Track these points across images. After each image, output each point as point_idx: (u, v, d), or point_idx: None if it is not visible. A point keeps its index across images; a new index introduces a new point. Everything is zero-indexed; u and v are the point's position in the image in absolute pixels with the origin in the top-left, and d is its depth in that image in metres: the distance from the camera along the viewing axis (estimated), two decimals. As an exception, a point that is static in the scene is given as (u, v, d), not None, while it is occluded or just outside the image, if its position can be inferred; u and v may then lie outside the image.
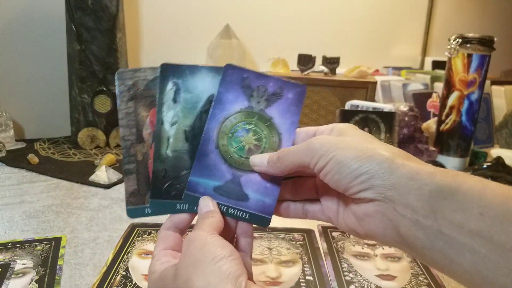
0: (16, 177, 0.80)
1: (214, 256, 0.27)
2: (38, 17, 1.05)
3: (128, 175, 0.34)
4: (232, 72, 0.34)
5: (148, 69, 0.35)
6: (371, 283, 0.47)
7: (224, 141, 0.34)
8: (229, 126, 0.34)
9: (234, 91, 0.34)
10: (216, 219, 0.31)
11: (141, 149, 0.35)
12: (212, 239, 0.28)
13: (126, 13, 1.07)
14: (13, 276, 0.47)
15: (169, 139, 0.34)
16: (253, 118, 0.35)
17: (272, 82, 0.35)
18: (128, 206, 0.34)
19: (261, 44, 1.29)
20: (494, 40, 0.87)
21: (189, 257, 0.28)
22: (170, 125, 0.34)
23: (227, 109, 0.34)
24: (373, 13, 1.37)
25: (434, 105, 1.11)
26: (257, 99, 0.35)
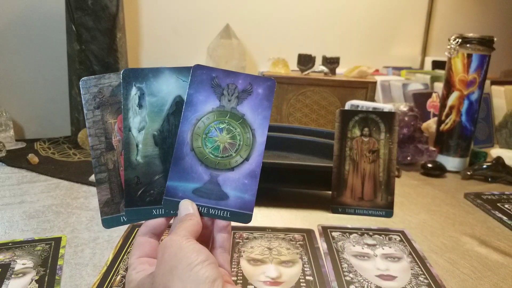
0: (16, 177, 0.80)
1: (190, 262, 0.27)
2: (38, 17, 1.05)
3: (100, 185, 0.34)
4: (201, 72, 0.34)
5: (112, 75, 0.34)
6: (371, 283, 0.47)
7: (199, 143, 0.34)
8: (202, 127, 0.34)
9: (204, 92, 0.34)
10: (194, 222, 0.31)
11: (112, 157, 0.34)
12: (187, 244, 0.28)
13: (126, 13, 1.07)
14: (13, 276, 0.47)
15: (138, 145, 0.34)
16: (225, 117, 0.35)
17: (241, 79, 0.35)
18: (103, 217, 0.34)
19: (261, 44, 1.29)
20: (494, 40, 0.87)
21: (164, 264, 0.28)
22: (138, 131, 0.34)
23: (198, 110, 0.34)
24: (373, 13, 1.37)
25: (434, 105, 1.11)
26: (228, 97, 0.35)
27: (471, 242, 0.59)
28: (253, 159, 0.35)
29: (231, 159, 0.35)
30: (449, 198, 0.77)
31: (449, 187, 0.83)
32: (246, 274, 0.48)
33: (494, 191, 0.80)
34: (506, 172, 0.86)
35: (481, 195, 0.77)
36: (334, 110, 1.07)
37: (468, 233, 0.62)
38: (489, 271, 0.52)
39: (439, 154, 0.93)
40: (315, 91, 1.06)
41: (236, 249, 0.53)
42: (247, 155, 0.35)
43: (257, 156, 0.35)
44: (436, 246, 0.58)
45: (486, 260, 0.54)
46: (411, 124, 0.93)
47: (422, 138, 0.95)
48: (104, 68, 0.97)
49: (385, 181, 0.54)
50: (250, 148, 0.35)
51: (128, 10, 1.12)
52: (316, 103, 1.07)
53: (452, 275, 0.51)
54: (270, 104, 0.36)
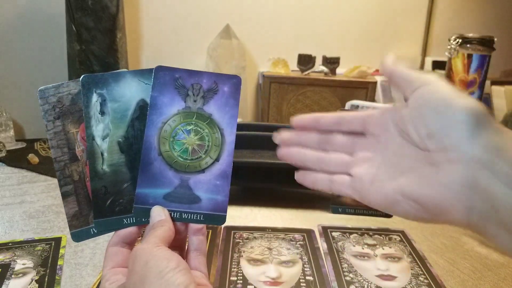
0: (16, 177, 0.80)
1: (161, 269, 0.26)
2: (39, 18, 1.05)
3: (66, 198, 0.33)
4: (164, 74, 0.33)
5: (71, 83, 0.33)
6: (371, 283, 0.47)
7: (166, 147, 0.33)
8: (169, 131, 0.33)
9: (169, 93, 0.33)
10: (165, 229, 0.31)
11: (76, 168, 0.33)
12: (157, 252, 0.28)
13: (126, 13, 1.07)
14: (13, 276, 0.47)
15: (103, 153, 0.33)
16: (192, 118, 0.34)
17: (205, 78, 0.34)
18: (72, 230, 0.33)
19: (261, 44, 1.29)
20: (494, 40, 0.87)
21: (135, 274, 0.27)
22: (102, 139, 0.33)
23: (164, 113, 0.33)
24: (373, 13, 1.37)
25: (434, 105, 1.11)
26: (193, 97, 0.34)
27: (471, 242, 0.59)
28: (223, 159, 0.34)
29: (201, 161, 0.34)
30: (449, 198, 0.77)
31: None
32: (246, 274, 0.48)
33: (494, 191, 0.80)
34: (506, 172, 0.86)
35: None
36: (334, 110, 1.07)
37: (468, 233, 0.62)
38: (489, 271, 0.52)
39: (439, 154, 0.93)
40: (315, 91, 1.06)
41: (236, 249, 0.53)
42: (217, 155, 0.34)
43: (227, 156, 0.34)
44: (436, 246, 0.58)
45: (486, 260, 0.54)
46: (411, 124, 0.93)
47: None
48: (104, 68, 0.97)
49: None
50: (220, 148, 0.34)
51: (128, 10, 1.12)
52: (316, 103, 1.07)
53: (452, 275, 0.51)
54: (237, 102, 0.35)
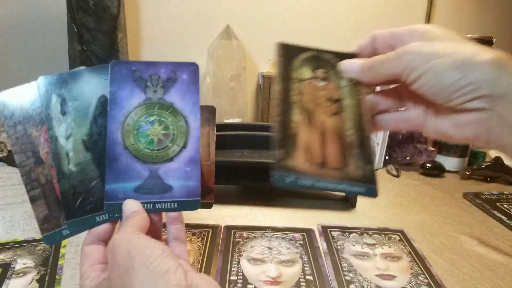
0: (17, 177, 0.80)
1: (146, 258, 0.25)
2: (39, 18, 1.05)
3: (35, 202, 0.32)
4: (120, 68, 0.33)
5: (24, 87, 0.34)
6: (371, 283, 0.47)
7: (131, 140, 0.33)
8: (132, 124, 0.33)
9: (127, 87, 0.33)
10: (141, 217, 0.30)
11: (42, 171, 0.33)
12: (138, 241, 0.27)
13: (127, 14, 1.07)
14: (13, 275, 0.47)
15: (69, 153, 0.33)
16: (154, 109, 0.34)
17: (163, 68, 0.34)
18: (44, 234, 0.33)
19: (261, 44, 1.29)
20: (493, 41, 0.87)
21: (118, 266, 0.26)
22: (66, 139, 0.33)
23: (125, 107, 0.33)
24: (372, 13, 1.37)
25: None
26: (153, 88, 0.34)
27: (470, 242, 0.59)
28: (190, 145, 0.34)
29: (168, 150, 0.34)
30: (448, 198, 0.77)
31: (448, 187, 0.83)
32: (246, 273, 0.48)
33: (493, 191, 0.80)
34: (505, 172, 0.86)
35: (480, 195, 0.77)
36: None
37: (467, 232, 0.62)
38: (488, 271, 0.52)
39: (438, 154, 0.93)
40: (315, 91, 1.06)
41: (236, 248, 0.54)
42: (183, 142, 0.34)
43: (194, 142, 0.34)
44: (436, 246, 0.58)
45: (485, 259, 0.54)
46: (410, 125, 0.93)
47: (421, 138, 0.95)
48: (104, 68, 0.97)
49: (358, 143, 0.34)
50: (186, 135, 0.34)
51: (129, 11, 1.12)
52: (316, 104, 1.08)
53: (451, 274, 0.51)
54: (197, 88, 0.35)
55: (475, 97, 0.25)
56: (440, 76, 0.25)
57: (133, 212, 0.31)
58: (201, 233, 0.57)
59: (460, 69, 0.25)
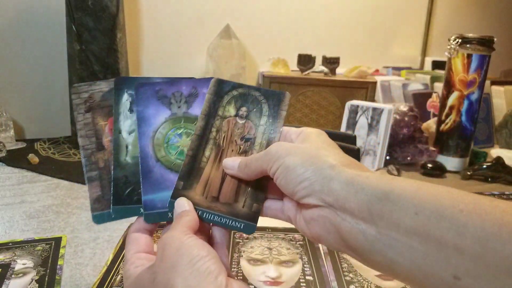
0: (16, 177, 0.80)
1: (192, 258, 0.27)
2: (39, 17, 1.05)
3: (91, 182, 0.35)
4: (144, 89, 0.36)
5: (103, 82, 0.36)
6: (371, 283, 0.47)
7: (162, 152, 0.35)
8: (161, 138, 0.36)
9: (153, 105, 0.36)
10: (191, 218, 0.32)
11: (103, 157, 0.36)
12: (188, 240, 0.28)
13: (126, 13, 1.07)
14: (13, 276, 0.47)
15: (128, 146, 0.35)
16: (180, 123, 0.36)
17: (184, 85, 0.37)
18: (94, 213, 0.35)
19: (261, 44, 1.29)
20: (494, 40, 0.87)
21: (166, 260, 0.28)
22: (128, 134, 0.36)
23: (152, 124, 0.36)
24: (373, 13, 1.37)
25: (434, 105, 1.11)
26: (177, 104, 0.37)
27: (471, 242, 0.59)
28: None
29: None
30: (449, 198, 0.77)
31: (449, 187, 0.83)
32: (246, 274, 0.48)
33: (494, 191, 0.80)
34: (506, 172, 0.86)
35: (481, 195, 0.77)
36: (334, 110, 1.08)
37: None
38: (489, 271, 0.52)
39: (439, 154, 0.93)
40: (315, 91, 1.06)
41: (236, 249, 0.53)
42: None
43: None
44: (436, 246, 0.58)
45: (486, 260, 0.54)
46: (411, 124, 0.93)
47: (422, 138, 0.95)
48: (104, 68, 0.97)
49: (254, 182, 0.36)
50: None
51: (128, 11, 1.12)
52: (316, 103, 1.07)
53: (452, 275, 0.51)
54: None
55: (310, 193, 0.28)
56: (288, 170, 0.29)
57: (184, 211, 0.32)
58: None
59: (304, 164, 0.29)
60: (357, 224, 0.26)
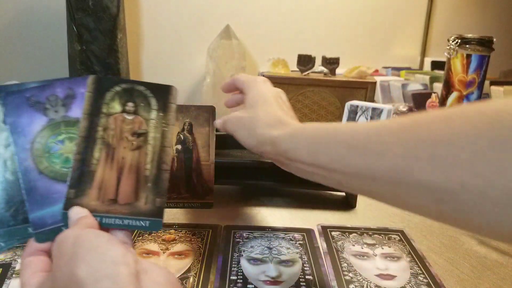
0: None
1: (92, 245, 0.25)
2: (39, 18, 1.05)
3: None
4: (13, 98, 0.33)
5: None
6: (371, 283, 0.48)
7: (45, 163, 0.33)
8: (40, 148, 0.33)
9: (26, 114, 0.33)
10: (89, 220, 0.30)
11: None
12: (85, 232, 0.27)
13: (127, 14, 1.07)
14: (14, 275, 0.47)
15: (6, 162, 0.32)
16: (60, 128, 0.34)
17: (58, 87, 0.34)
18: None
19: (261, 44, 1.29)
20: (493, 41, 0.87)
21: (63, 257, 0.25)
22: (5, 148, 0.32)
23: (28, 134, 0.33)
24: (372, 13, 1.37)
25: (433, 105, 1.11)
26: (53, 109, 0.34)
27: (470, 242, 0.59)
28: None
29: None
30: (449, 198, 0.77)
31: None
32: (246, 273, 0.48)
33: (493, 191, 0.80)
34: (505, 172, 0.86)
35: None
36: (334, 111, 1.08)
37: (467, 232, 0.62)
38: (488, 271, 0.52)
39: (439, 154, 0.93)
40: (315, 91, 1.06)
41: (236, 248, 0.54)
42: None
43: None
44: (435, 246, 0.58)
45: (485, 259, 0.54)
46: (410, 125, 0.93)
47: (421, 138, 0.95)
48: (105, 68, 0.97)
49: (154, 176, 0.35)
50: None
51: (129, 11, 1.12)
52: (316, 104, 1.08)
53: (451, 274, 0.51)
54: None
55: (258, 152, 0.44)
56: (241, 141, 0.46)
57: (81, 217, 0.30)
58: (201, 233, 0.57)
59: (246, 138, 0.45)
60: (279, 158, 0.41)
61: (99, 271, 0.23)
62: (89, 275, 0.23)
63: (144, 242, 0.55)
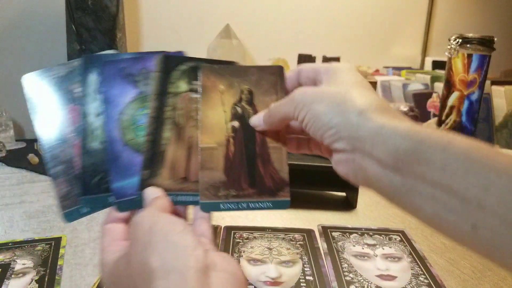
0: (16, 177, 0.80)
1: (166, 233, 0.25)
2: (38, 17, 1.05)
3: (56, 179, 0.32)
4: (109, 68, 0.33)
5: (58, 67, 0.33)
6: (371, 283, 0.47)
7: (130, 135, 0.33)
8: (128, 119, 0.33)
9: (118, 85, 0.33)
10: (164, 201, 0.31)
11: (65, 149, 0.33)
12: (161, 217, 0.27)
13: (126, 13, 1.07)
14: (13, 276, 0.47)
15: (94, 131, 0.33)
16: (147, 102, 0.34)
17: (149, 61, 0.34)
18: (63, 211, 0.32)
19: (261, 44, 1.29)
20: (494, 40, 0.87)
21: (138, 241, 0.26)
22: (95, 116, 0.33)
23: (118, 105, 0.33)
24: (373, 13, 1.37)
25: (434, 105, 1.11)
26: (144, 81, 0.34)
27: (471, 242, 0.59)
28: None
29: None
30: (449, 198, 0.77)
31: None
32: (246, 274, 0.48)
33: (494, 191, 0.80)
34: (506, 172, 0.86)
35: None
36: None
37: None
38: (489, 271, 0.52)
39: (439, 154, 0.93)
40: (315, 91, 1.06)
41: (236, 249, 0.53)
42: None
43: None
44: (436, 246, 0.58)
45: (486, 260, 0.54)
46: (411, 124, 0.93)
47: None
48: (104, 68, 0.97)
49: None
50: None
51: (128, 10, 1.12)
52: (316, 103, 1.07)
53: (452, 275, 0.51)
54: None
55: (338, 138, 0.29)
56: (316, 118, 0.30)
57: (154, 198, 0.31)
58: (201, 234, 0.57)
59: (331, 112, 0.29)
60: (383, 171, 0.27)
61: (170, 263, 0.24)
62: (161, 266, 0.24)
63: (143, 242, 0.55)
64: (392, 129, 0.27)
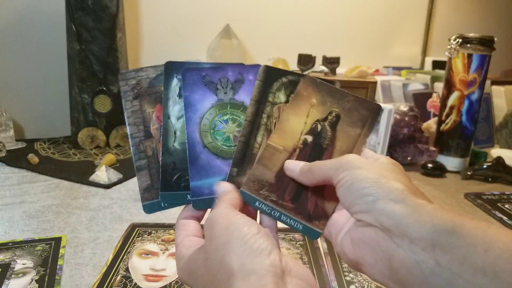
0: (16, 177, 0.80)
1: (243, 235, 0.26)
2: (38, 17, 1.05)
3: (140, 171, 0.35)
4: (191, 74, 0.36)
5: (150, 68, 0.36)
6: (371, 283, 0.47)
7: (209, 138, 0.35)
8: (207, 124, 0.36)
9: (199, 90, 0.36)
10: (234, 196, 0.32)
11: (150, 145, 0.36)
12: (236, 218, 0.28)
13: (126, 13, 1.07)
14: (13, 276, 0.47)
15: (176, 132, 0.35)
16: (226, 109, 0.36)
17: (230, 71, 0.37)
18: (144, 202, 0.35)
19: (261, 44, 1.29)
20: (494, 40, 0.87)
21: (216, 239, 0.27)
22: (177, 119, 0.36)
23: (199, 109, 0.36)
24: (373, 13, 1.37)
25: (434, 105, 1.11)
26: (223, 90, 0.36)
27: (472, 242, 0.59)
28: None
29: None
30: (450, 198, 0.77)
31: (449, 187, 0.83)
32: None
33: (494, 191, 0.80)
34: (506, 172, 0.86)
35: (481, 195, 0.77)
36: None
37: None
38: None
39: (440, 154, 0.93)
40: (315, 91, 1.06)
41: (236, 249, 0.53)
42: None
43: None
44: (437, 246, 0.58)
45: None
46: (411, 124, 0.93)
47: (422, 138, 0.95)
48: (104, 68, 0.97)
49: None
50: None
51: (128, 10, 1.12)
52: (316, 103, 1.07)
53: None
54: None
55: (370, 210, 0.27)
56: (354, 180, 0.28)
57: (226, 192, 0.33)
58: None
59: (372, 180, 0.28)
60: (414, 254, 0.25)
61: (248, 265, 0.25)
62: (240, 267, 0.25)
63: (143, 242, 0.55)
64: (431, 209, 0.25)
